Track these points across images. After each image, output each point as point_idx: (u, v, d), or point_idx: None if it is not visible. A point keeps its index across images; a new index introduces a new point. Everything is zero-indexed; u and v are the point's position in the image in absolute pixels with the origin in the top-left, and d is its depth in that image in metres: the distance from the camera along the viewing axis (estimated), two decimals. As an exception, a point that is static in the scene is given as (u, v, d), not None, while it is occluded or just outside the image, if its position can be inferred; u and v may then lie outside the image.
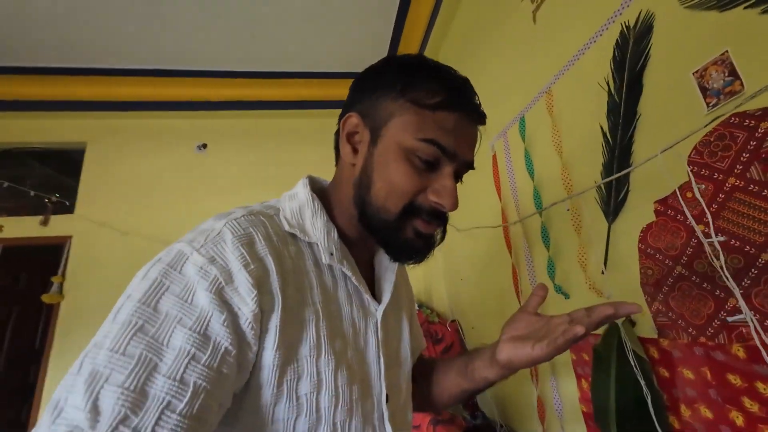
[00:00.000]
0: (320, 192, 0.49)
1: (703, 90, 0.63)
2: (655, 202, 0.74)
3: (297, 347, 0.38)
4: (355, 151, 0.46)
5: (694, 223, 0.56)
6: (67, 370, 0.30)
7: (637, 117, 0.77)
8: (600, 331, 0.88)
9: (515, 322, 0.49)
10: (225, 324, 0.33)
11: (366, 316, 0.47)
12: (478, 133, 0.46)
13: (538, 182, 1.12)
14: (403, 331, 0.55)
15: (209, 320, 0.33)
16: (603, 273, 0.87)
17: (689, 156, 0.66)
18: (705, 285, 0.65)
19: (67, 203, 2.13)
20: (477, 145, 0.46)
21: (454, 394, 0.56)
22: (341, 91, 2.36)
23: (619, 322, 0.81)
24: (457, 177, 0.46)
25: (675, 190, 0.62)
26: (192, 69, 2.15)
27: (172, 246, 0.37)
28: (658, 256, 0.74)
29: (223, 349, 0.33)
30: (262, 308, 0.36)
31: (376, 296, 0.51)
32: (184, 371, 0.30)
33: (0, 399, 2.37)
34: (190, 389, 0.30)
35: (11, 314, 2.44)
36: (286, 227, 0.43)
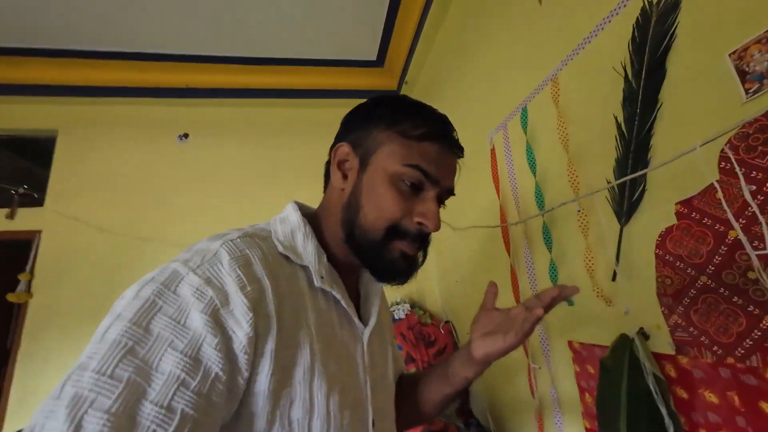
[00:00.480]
0: (308, 217, 0.50)
1: (742, 74, 0.55)
2: (677, 203, 0.66)
3: (291, 370, 0.38)
4: (344, 177, 0.49)
5: (740, 231, 0.48)
6: (36, 372, 0.21)
7: (658, 106, 0.68)
8: (608, 342, 0.81)
9: (479, 321, 0.54)
10: (217, 348, 0.33)
11: (354, 340, 0.48)
12: (457, 164, 0.51)
13: (541, 179, 1.04)
14: (388, 356, 0.57)
15: (202, 344, 0.32)
16: (614, 280, 0.79)
17: (721, 152, 0.57)
18: (735, 299, 0.57)
19: (36, 195, 1.98)
20: (456, 175, 0.51)
21: (438, 401, 0.59)
22: (331, 79, 2.25)
23: (632, 334, 0.74)
24: (440, 202, 0.49)
25: (713, 184, 0.53)
26: (171, 53, 2.01)
27: (166, 265, 0.36)
28: (678, 263, 0.66)
29: (213, 374, 0.32)
30: (258, 331, 0.36)
31: (362, 320, 0.52)
32: (172, 398, 0.29)
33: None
34: (177, 417, 0.29)
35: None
36: (281, 249, 0.44)
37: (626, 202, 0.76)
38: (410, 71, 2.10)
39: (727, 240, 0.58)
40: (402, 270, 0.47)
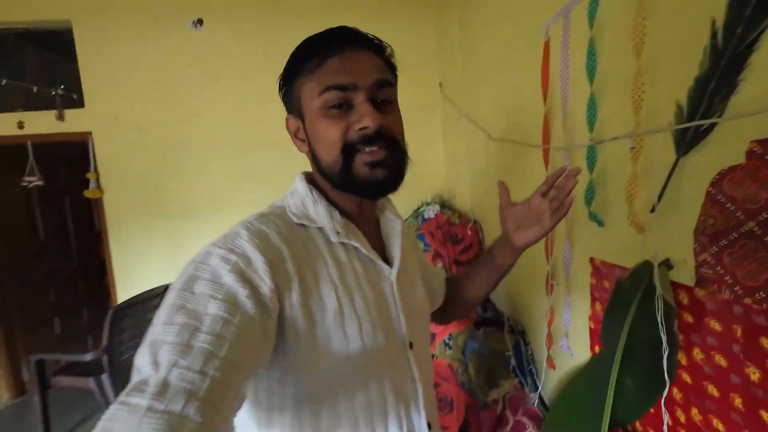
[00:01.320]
0: (314, 183, 0.56)
1: None
2: (752, 141, 0.58)
3: (322, 318, 0.47)
4: (303, 141, 0.55)
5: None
6: (129, 253, 1.12)
7: (777, 10, 0.53)
8: (629, 264, 0.85)
9: (507, 218, 0.65)
10: (248, 297, 0.41)
11: (381, 280, 0.55)
12: (378, 61, 0.51)
13: (598, 89, 0.90)
14: (417, 289, 0.64)
15: (236, 294, 0.41)
16: (653, 211, 0.77)
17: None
18: (777, 249, 0.56)
19: (75, 96, 2.03)
20: (380, 73, 0.50)
21: (486, 289, 0.75)
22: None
23: (656, 263, 0.76)
24: (380, 100, 0.50)
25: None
26: None
27: (201, 249, 0.45)
28: (729, 205, 0.62)
29: (249, 315, 0.40)
30: (279, 288, 0.44)
31: (388, 261, 0.57)
32: (221, 329, 0.38)
33: (84, 273, 2.85)
34: (228, 341, 0.37)
35: (65, 204, 2.69)
36: (295, 220, 0.51)
37: (691, 130, 0.67)
38: None
39: (795, 190, 0.53)
40: (381, 179, 0.49)
